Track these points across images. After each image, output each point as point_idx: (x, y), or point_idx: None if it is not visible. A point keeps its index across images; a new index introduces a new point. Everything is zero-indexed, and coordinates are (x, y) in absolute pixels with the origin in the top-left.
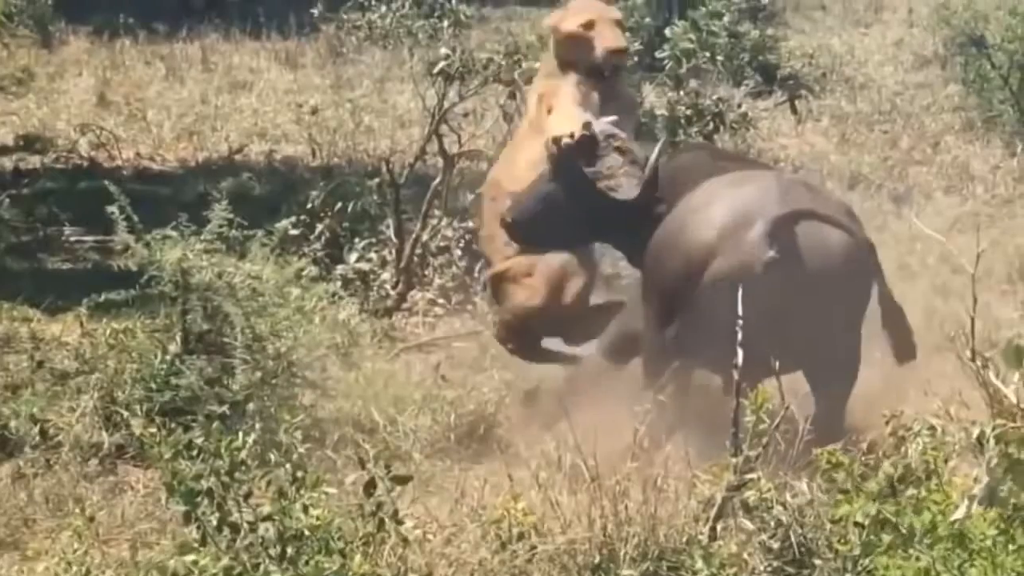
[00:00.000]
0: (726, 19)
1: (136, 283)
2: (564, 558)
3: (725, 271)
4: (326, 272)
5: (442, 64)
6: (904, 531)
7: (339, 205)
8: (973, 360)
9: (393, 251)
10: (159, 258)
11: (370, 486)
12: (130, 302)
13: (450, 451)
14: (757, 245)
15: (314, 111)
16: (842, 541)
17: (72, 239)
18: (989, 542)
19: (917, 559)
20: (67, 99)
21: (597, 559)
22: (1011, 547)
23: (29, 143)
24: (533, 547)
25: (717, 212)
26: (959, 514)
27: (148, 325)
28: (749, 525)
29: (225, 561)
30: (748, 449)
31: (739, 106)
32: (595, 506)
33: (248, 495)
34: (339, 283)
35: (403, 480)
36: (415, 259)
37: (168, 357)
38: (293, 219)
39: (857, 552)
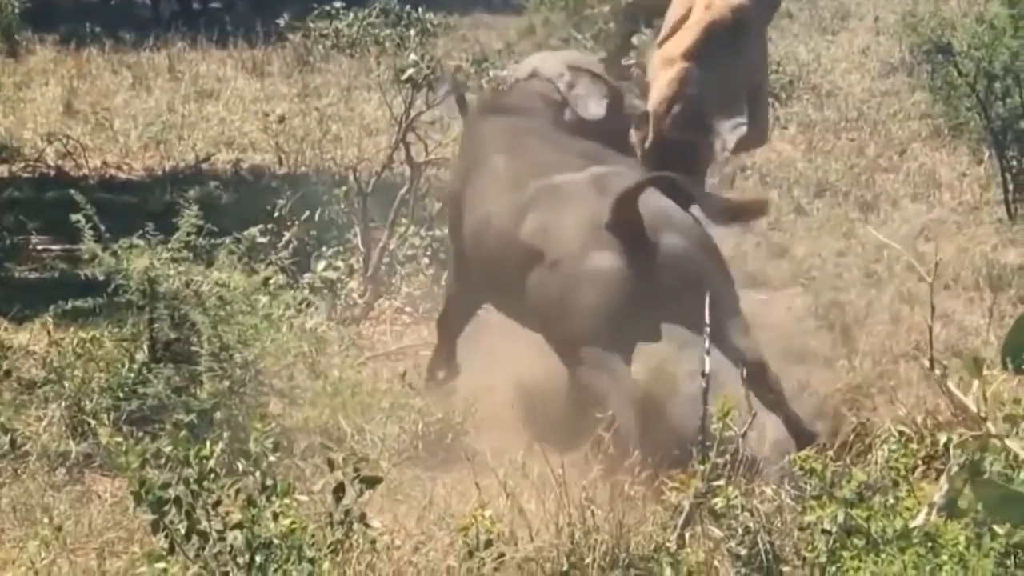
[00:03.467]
0: None
1: (103, 292)
2: (532, 566)
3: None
4: (293, 281)
5: (410, 71)
6: (876, 536)
7: (306, 214)
8: (931, 369)
9: (360, 259)
10: (126, 267)
11: (339, 490)
12: (97, 311)
13: (418, 459)
14: (623, 247)
15: (281, 120)
16: (810, 548)
17: (39, 248)
18: (961, 546)
19: (889, 563)
20: (33, 108)
21: (565, 567)
22: (982, 551)
23: None
24: (501, 555)
25: (573, 222)
26: (918, 521)
27: (115, 334)
28: (717, 532)
29: (194, 570)
30: (715, 456)
31: None
32: (562, 513)
33: (217, 503)
34: (306, 291)
35: (372, 482)
36: (382, 267)
37: (135, 366)
38: (260, 227)
39: (824, 559)
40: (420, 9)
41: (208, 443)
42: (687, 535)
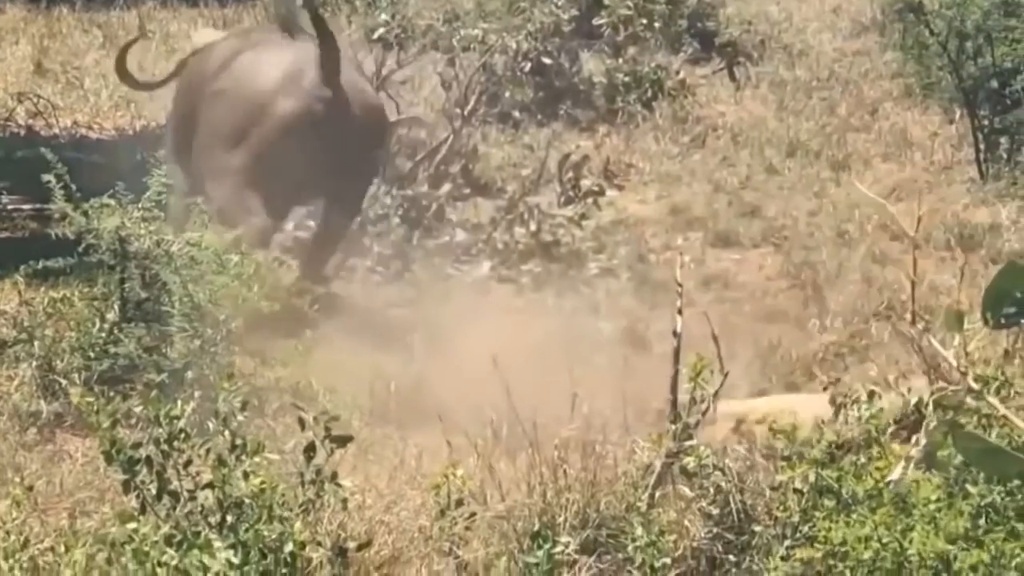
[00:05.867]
0: None
1: (74, 251)
2: (503, 525)
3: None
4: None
5: (381, 31)
6: (847, 496)
7: None
8: (913, 324)
9: None
10: (97, 226)
11: (310, 449)
12: (68, 270)
13: (389, 418)
14: (313, 91)
15: None
16: (782, 507)
17: (10, 207)
18: (932, 506)
19: (860, 523)
20: (4, 67)
21: (536, 526)
22: (953, 510)
23: None
24: (472, 514)
25: (273, 67)
26: (895, 475)
27: (86, 293)
28: (688, 492)
29: (165, 529)
30: (687, 415)
31: (677, 73)
32: (534, 473)
33: (188, 463)
34: (278, 251)
35: (343, 441)
36: (353, 227)
37: (106, 325)
38: None
39: (796, 518)
40: None
41: (179, 403)
42: (658, 495)
